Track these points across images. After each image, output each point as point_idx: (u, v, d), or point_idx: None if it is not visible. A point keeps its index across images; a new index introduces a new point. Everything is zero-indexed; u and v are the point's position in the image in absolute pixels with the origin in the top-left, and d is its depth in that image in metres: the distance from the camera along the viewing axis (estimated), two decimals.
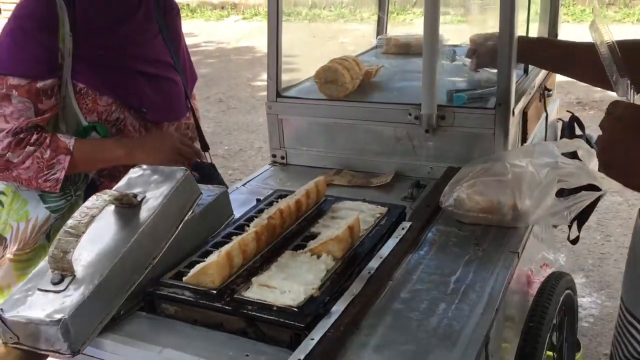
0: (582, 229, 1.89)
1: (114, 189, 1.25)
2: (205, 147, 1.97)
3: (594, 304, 3.06)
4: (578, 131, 2.25)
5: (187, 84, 1.86)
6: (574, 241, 2.02)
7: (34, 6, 1.53)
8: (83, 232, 1.05)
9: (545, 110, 1.86)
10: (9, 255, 1.62)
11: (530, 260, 1.83)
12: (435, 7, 1.50)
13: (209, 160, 2.01)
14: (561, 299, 1.58)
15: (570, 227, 1.88)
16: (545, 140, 2.02)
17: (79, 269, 1.05)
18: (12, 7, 1.71)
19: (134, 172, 1.30)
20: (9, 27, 1.54)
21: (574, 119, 2.26)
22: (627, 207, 4.09)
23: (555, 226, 2.38)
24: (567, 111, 2.28)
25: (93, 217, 1.07)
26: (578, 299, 2.93)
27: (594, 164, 1.40)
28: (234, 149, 5.53)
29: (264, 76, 1.78)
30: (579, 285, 3.10)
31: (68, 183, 1.59)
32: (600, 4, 9.22)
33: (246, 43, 9.76)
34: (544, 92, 1.88)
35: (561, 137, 2.26)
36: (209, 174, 1.85)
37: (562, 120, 2.29)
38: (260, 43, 9.75)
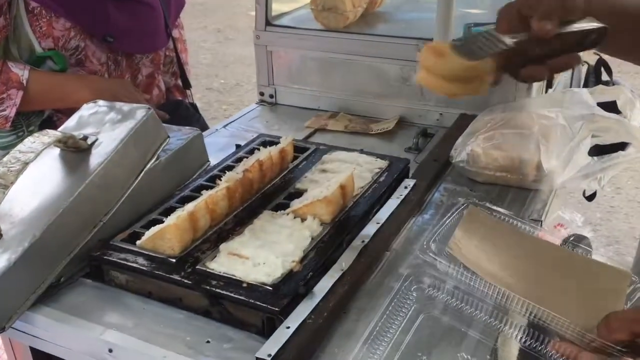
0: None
1: (60, 128, 1.05)
2: (187, 84, 1.75)
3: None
4: (604, 77, 2.02)
5: (167, 9, 1.62)
6: (591, 197, 1.83)
7: None
8: (12, 183, 0.85)
9: None
10: None
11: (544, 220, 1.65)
12: None
13: (191, 100, 1.79)
14: None
15: None
16: (571, 86, 1.79)
17: (8, 227, 0.86)
18: None
19: (87, 109, 1.09)
20: None
21: (601, 63, 2.02)
22: None
23: None
24: (595, 53, 2.04)
25: (26, 164, 0.87)
26: None
27: (636, 116, 1.19)
28: (230, 83, 5.28)
29: None
30: None
31: (20, 117, 1.39)
32: None
33: None
34: None
35: (585, 84, 2.04)
36: (186, 115, 1.64)
37: (587, 64, 2.06)
38: None
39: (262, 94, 1.62)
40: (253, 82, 5.22)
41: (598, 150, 1.13)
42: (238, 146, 1.25)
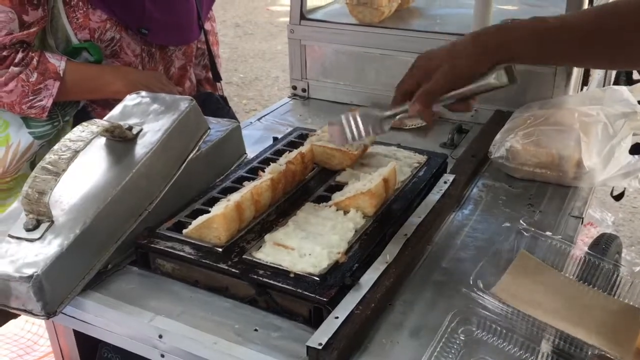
0: None
1: (105, 118, 1.06)
2: (217, 77, 1.76)
3: (624, 261, 2.88)
4: (636, 75, 2.01)
5: (200, 2, 1.63)
6: (618, 197, 1.81)
7: None
8: (64, 170, 0.87)
9: None
10: None
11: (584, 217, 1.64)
12: None
13: (221, 93, 1.80)
14: None
15: None
16: (604, 85, 1.78)
17: (59, 213, 0.88)
18: None
19: (130, 99, 1.10)
20: None
21: None
22: None
23: None
24: None
25: (77, 152, 0.89)
26: None
27: None
28: (249, 77, 5.28)
29: (283, 1, 1.54)
30: None
31: (56, 107, 1.41)
32: None
33: None
34: None
35: (615, 81, 2.02)
36: (217, 108, 1.65)
37: None
38: None
39: (294, 87, 1.62)
40: (272, 77, 5.25)
41: (639, 149, 1.12)
42: (275, 139, 1.26)
